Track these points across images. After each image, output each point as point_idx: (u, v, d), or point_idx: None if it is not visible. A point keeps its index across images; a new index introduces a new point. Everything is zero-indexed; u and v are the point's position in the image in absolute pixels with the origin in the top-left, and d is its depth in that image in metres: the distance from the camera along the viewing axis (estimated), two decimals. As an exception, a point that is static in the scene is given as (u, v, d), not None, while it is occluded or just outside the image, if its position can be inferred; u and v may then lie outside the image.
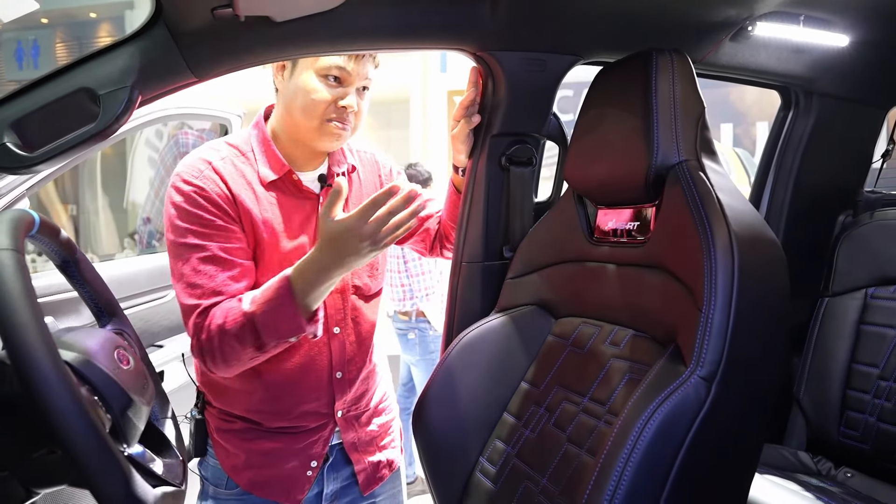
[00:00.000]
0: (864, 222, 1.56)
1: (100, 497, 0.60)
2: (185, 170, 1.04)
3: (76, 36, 10.26)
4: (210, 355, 0.98)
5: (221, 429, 1.13)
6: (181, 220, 1.01)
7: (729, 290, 0.76)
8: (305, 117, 1.06)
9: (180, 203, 1.01)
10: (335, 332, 1.13)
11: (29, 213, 0.70)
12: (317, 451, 1.14)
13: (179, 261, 1.01)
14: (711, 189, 0.86)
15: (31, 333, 0.57)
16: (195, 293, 0.99)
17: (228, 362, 0.99)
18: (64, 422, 0.56)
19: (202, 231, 1.01)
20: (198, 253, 1.00)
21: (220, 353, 0.98)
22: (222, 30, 0.93)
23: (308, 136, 1.08)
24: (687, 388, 0.75)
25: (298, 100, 1.06)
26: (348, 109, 1.06)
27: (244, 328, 0.96)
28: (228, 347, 0.97)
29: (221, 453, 1.13)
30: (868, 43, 1.37)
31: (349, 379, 1.15)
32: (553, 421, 1.03)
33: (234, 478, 1.12)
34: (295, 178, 1.10)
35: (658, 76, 0.93)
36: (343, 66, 1.04)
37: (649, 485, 0.73)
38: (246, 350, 0.97)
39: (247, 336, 0.96)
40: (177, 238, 1.01)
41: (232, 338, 0.96)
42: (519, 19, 1.12)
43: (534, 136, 1.28)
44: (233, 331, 0.96)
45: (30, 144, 0.87)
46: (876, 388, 1.43)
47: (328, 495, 1.18)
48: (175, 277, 1.02)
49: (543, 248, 1.19)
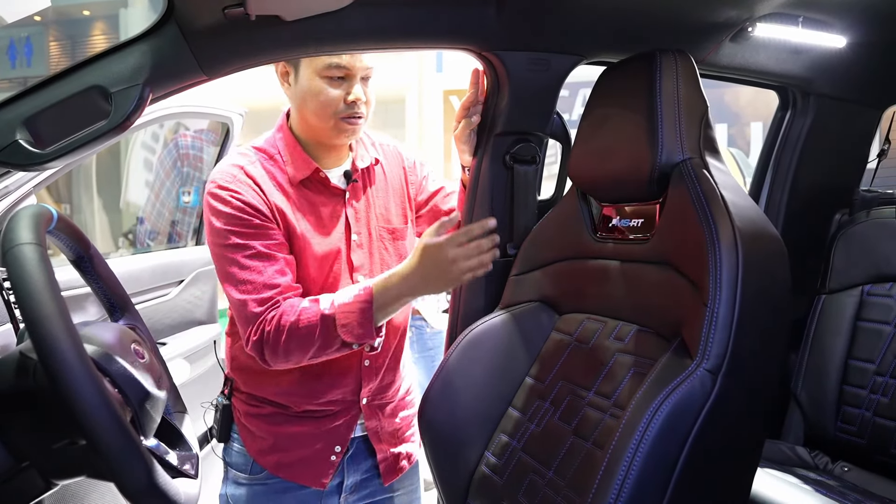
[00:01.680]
0: (860, 221, 1.59)
1: (123, 487, 0.61)
2: (220, 176, 1.09)
3: (69, 34, 10.22)
4: (273, 348, 1.03)
5: (250, 413, 1.16)
6: (222, 223, 1.05)
7: (733, 284, 0.78)
8: (319, 119, 1.10)
9: (219, 208, 1.06)
10: None
11: (47, 209, 0.71)
12: (341, 435, 1.17)
13: (226, 262, 1.05)
14: (715, 186, 0.88)
15: (57, 326, 0.58)
16: (247, 289, 1.04)
17: (290, 357, 1.04)
18: (90, 413, 0.57)
19: (243, 231, 1.05)
20: (242, 252, 1.04)
21: (285, 348, 1.02)
22: (233, 29, 0.94)
23: (325, 135, 1.12)
24: (693, 380, 0.76)
25: (309, 104, 1.09)
26: (358, 102, 1.09)
27: (319, 328, 1.01)
28: (296, 343, 1.02)
29: (248, 438, 1.17)
30: (864, 44, 1.39)
31: (376, 367, 1.19)
32: (558, 415, 1.04)
33: (260, 461, 1.15)
34: (322, 176, 1.14)
35: (662, 76, 0.95)
36: (342, 63, 1.07)
37: (657, 475, 0.75)
38: (312, 348, 1.03)
39: (319, 336, 1.01)
40: (220, 241, 1.06)
41: (303, 336, 1.01)
42: (524, 20, 1.13)
43: (537, 134, 1.29)
44: (305, 329, 1.01)
45: (41, 141, 0.88)
46: (872, 383, 1.46)
47: (349, 486, 1.20)
48: (223, 278, 1.07)
49: (547, 245, 1.20)
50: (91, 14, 10.10)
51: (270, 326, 1.02)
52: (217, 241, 1.06)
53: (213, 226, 1.06)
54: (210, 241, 1.08)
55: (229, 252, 1.05)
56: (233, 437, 1.19)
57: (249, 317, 1.04)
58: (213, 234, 1.07)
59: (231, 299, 1.06)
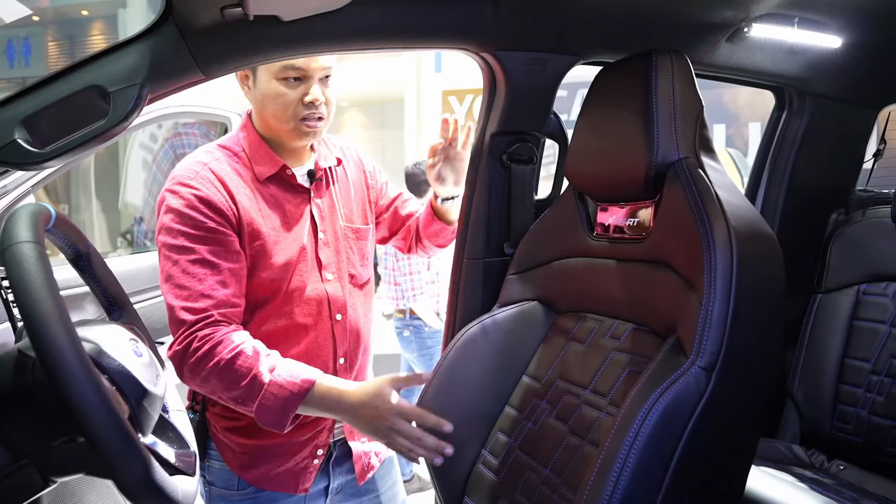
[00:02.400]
0: (857, 220, 1.60)
1: (121, 484, 0.61)
2: (182, 173, 1.08)
3: (68, 34, 10.22)
4: (193, 370, 1.00)
5: (227, 428, 1.13)
6: (175, 222, 1.04)
7: (728, 282, 0.79)
8: (278, 121, 1.11)
9: (176, 206, 1.04)
10: (338, 319, 1.16)
11: (46, 207, 0.71)
12: (321, 440, 1.16)
13: (169, 262, 1.04)
14: (710, 186, 0.89)
15: (55, 323, 0.58)
16: (182, 294, 1.02)
17: (205, 388, 1.02)
18: (88, 410, 0.58)
19: (194, 234, 1.03)
20: (188, 255, 1.03)
21: (206, 378, 1.00)
22: (231, 28, 0.95)
23: (286, 137, 1.13)
24: (688, 378, 0.77)
25: (268, 106, 1.10)
26: (316, 102, 1.09)
27: (245, 383, 0.98)
28: (215, 381, 1.00)
29: (228, 453, 1.14)
30: (860, 45, 1.40)
31: (350, 365, 1.19)
32: (555, 413, 1.05)
33: (244, 476, 1.13)
34: (289, 173, 1.14)
35: (658, 76, 0.95)
36: (297, 64, 1.07)
37: (652, 473, 0.75)
38: (225, 394, 1.01)
39: (239, 389, 0.99)
40: (168, 239, 1.04)
41: (227, 380, 0.99)
42: (521, 20, 1.14)
43: (534, 134, 1.30)
44: (231, 374, 0.99)
45: (40, 141, 0.88)
46: (868, 382, 1.46)
47: (334, 489, 1.20)
48: (163, 278, 1.05)
49: (544, 244, 1.21)
50: (90, 14, 10.10)
51: (201, 347, 0.99)
52: (165, 239, 1.04)
53: (164, 223, 1.04)
54: (158, 237, 1.06)
55: (174, 253, 1.03)
56: (209, 453, 1.15)
57: (178, 323, 1.01)
58: (163, 230, 1.05)
59: (166, 300, 1.04)
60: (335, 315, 1.16)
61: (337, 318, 1.16)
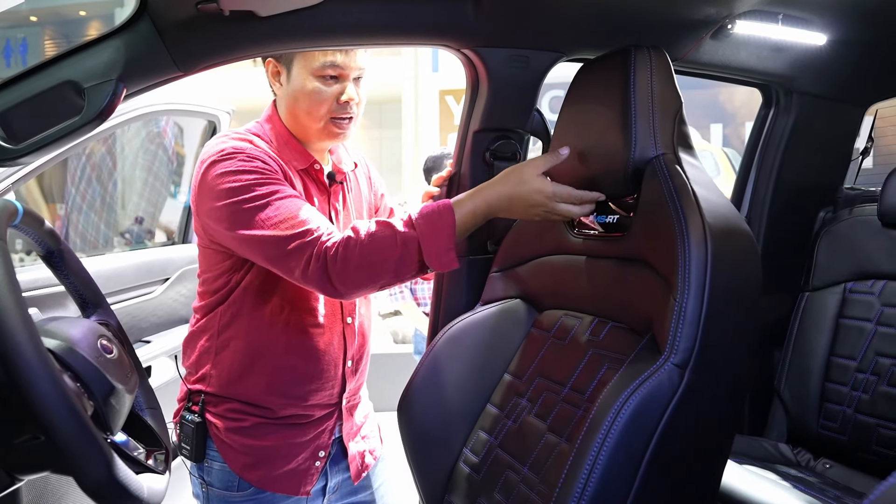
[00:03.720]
0: (844, 218, 1.59)
1: (82, 482, 0.61)
2: (219, 144, 1.04)
3: (65, 34, 10.21)
4: (341, 270, 0.94)
5: (229, 428, 1.11)
6: (241, 179, 0.98)
7: (702, 279, 0.78)
8: (310, 118, 1.10)
9: (231, 167, 1.00)
10: (348, 322, 1.17)
11: (12, 203, 0.71)
12: (323, 442, 1.16)
13: (254, 211, 0.97)
14: (687, 182, 0.88)
15: (14, 319, 0.57)
16: (288, 224, 0.96)
17: (358, 277, 0.95)
18: (46, 406, 0.57)
19: (269, 181, 1.00)
20: (272, 196, 0.98)
21: (357, 268, 0.94)
22: (207, 24, 0.94)
23: (315, 135, 1.12)
24: (661, 374, 0.76)
25: (301, 103, 1.09)
26: (350, 102, 1.09)
27: (395, 242, 0.94)
28: (370, 259, 0.94)
29: (229, 454, 1.11)
30: (845, 42, 1.40)
31: (356, 368, 1.19)
32: (534, 411, 1.04)
33: (246, 477, 1.11)
34: (318, 168, 1.14)
35: (636, 72, 0.95)
36: (337, 63, 1.07)
37: (623, 470, 0.75)
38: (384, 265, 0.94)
39: (396, 249, 0.94)
40: (240, 196, 0.98)
41: (378, 251, 0.94)
42: (502, 16, 1.13)
43: (517, 131, 1.29)
44: (381, 245, 0.94)
45: (14, 137, 0.87)
46: (854, 380, 1.46)
47: (331, 488, 1.20)
48: (257, 227, 0.97)
49: (526, 242, 1.21)
50: (87, 14, 10.09)
51: (336, 246, 0.94)
52: (234, 200, 0.97)
53: (226, 188, 0.98)
54: (221, 205, 0.99)
55: (256, 200, 0.97)
56: (209, 454, 1.13)
57: (298, 247, 0.95)
58: (227, 194, 0.98)
59: (264, 242, 0.96)
60: (346, 318, 1.17)
61: (347, 321, 1.17)
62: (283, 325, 1.10)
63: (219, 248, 1.08)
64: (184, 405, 1.16)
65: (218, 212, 1.01)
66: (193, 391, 1.14)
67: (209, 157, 1.04)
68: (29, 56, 9.66)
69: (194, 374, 1.14)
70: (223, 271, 1.10)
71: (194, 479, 1.16)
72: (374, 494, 1.26)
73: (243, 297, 1.09)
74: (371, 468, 1.25)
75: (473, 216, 0.98)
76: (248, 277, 1.08)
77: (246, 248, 1.01)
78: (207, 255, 1.11)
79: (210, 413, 1.13)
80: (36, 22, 9.92)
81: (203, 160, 1.05)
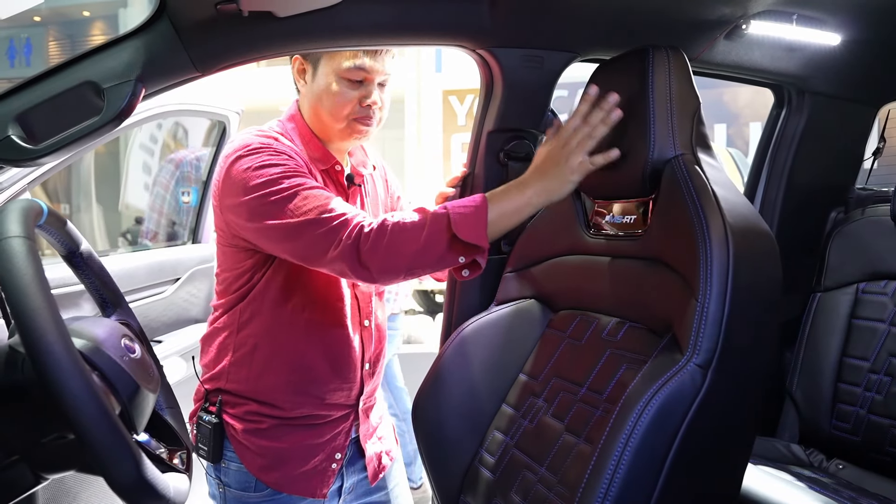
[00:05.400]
0: (855, 219, 1.59)
1: (111, 481, 0.61)
2: (251, 140, 1.04)
3: (69, 34, 10.23)
4: (371, 249, 0.94)
5: (247, 430, 1.11)
6: (268, 174, 0.99)
7: (724, 279, 0.78)
8: (332, 119, 1.09)
9: (257, 162, 1.00)
10: (366, 325, 1.17)
11: (38, 203, 0.71)
12: (340, 444, 1.16)
13: (285, 203, 0.97)
14: (707, 182, 0.88)
15: (45, 319, 0.58)
16: (320, 209, 0.96)
17: (388, 258, 0.95)
18: (77, 406, 0.57)
19: (296, 174, 1.00)
20: (301, 188, 0.98)
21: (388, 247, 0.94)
22: (225, 25, 0.95)
23: (336, 134, 1.12)
24: (683, 375, 0.76)
25: (324, 102, 1.09)
26: (373, 106, 1.09)
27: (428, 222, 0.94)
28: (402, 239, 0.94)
29: (247, 455, 1.11)
30: (859, 42, 1.39)
31: (374, 371, 1.19)
32: (551, 411, 1.04)
33: (263, 478, 1.11)
34: (339, 169, 1.14)
35: (655, 72, 0.95)
36: (363, 66, 1.06)
37: (646, 470, 0.75)
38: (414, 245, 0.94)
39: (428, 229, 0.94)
40: (269, 189, 0.98)
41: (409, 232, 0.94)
42: (517, 16, 1.14)
43: (531, 132, 1.29)
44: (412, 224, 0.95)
45: (34, 137, 0.88)
46: (867, 381, 1.46)
47: (347, 489, 1.20)
48: (287, 216, 0.96)
49: (541, 242, 1.21)
50: (91, 14, 10.11)
51: (370, 227, 0.95)
52: (262, 193, 0.97)
53: (251, 182, 0.98)
54: (249, 199, 0.98)
55: (284, 192, 0.97)
56: (226, 454, 1.13)
57: (332, 229, 0.95)
58: (255, 188, 0.98)
59: (294, 230, 0.96)
60: (363, 321, 1.17)
61: (365, 323, 1.17)
62: (304, 324, 1.10)
63: (241, 247, 1.08)
64: (200, 405, 1.15)
65: (245, 206, 1.00)
66: (211, 391, 1.14)
67: (234, 153, 1.04)
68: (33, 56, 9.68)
69: (211, 371, 1.14)
70: (245, 270, 1.09)
71: (210, 479, 1.16)
72: (390, 495, 1.26)
73: (264, 295, 1.09)
74: (387, 469, 1.25)
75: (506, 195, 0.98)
76: (270, 275, 1.08)
77: (274, 240, 1.01)
78: (228, 253, 1.11)
79: (227, 414, 1.13)
80: (39, 22, 9.94)
81: (227, 155, 1.05)
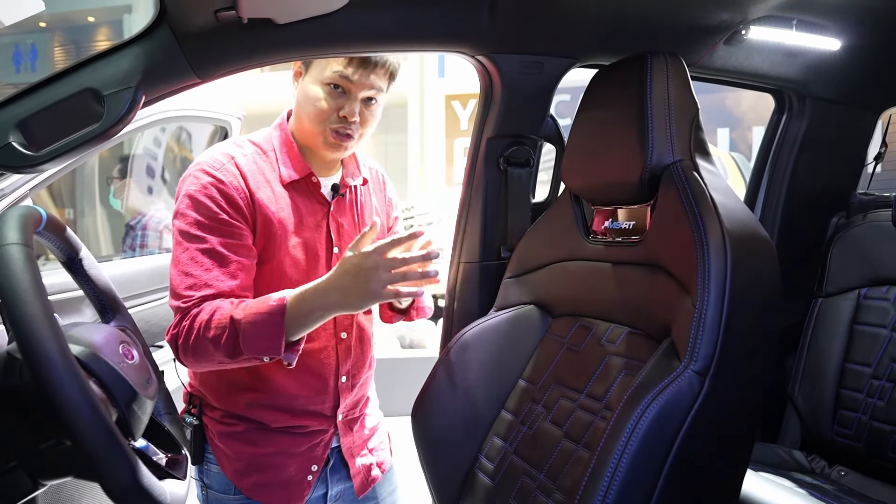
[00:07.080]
0: (857, 224, 1.58)
1: (108, 487, 0.61)
2: (208, 161, 1.06)
3: (74, 40, 10.29)
4: (184, 346, 0.99)
5: (223, 433, 1.12)
6: (190, 208, 1.03)
7: (722, 285, 0.78)
8: (311, 124, 1.09)
9: (193, 193, 1.03)
10: (342, 338, 1.14)
11: (36, 210, 0.71)
12: (317, 455, 1.14)
13: (180, 248, 1.03)
14: (705, 188, 0.88)
15: (42, 325, 0.58)
16: (186, 282, 1.01)
17: (198, 358, 1.00)
18: (74, 413, 0.58)
19: (208, 224, 1.02)
20: (198, 244, 1.02)
21: (194, 348, 0.99)
22: (225, 32, 0.95)
23: (314, 142, 1.10)
24: (681, 382, 0.76)
25: (306, 107, 1.09)
26: (349, 119, 1.06)
27: (225, 332, 0.96)
28: (203, 344, 0.98)
29: (223, 459, 1.12)
30: (860, 47, 1.39)
31: (352, 384, 1.16)
32: (550, 417, 1.04)
33: (237, 483, 1.11)
34: (314, 181, 1.12)
35: (653, 78, 0.95)
36: (345, 75, 1.05)
37: (644, 477, 0.75)
38: (217, 353, 0.98)
39: (224, 341, 0.96)
40: (183, 225, 1.03)
41: (210, 338, 0.97)
42: (517, 22, 1.14)
43: (531, 137, 1.29)
44: (213, 332, 0.97)
45: (35, 144, 0.88)
46: (869, 386, 1.45)
47: (333, 496, 1.18)
48: (173, 262, 1.04)
49: (540, 247, 1.21)
50: (96, 20, 10.17)
51: (188, 322, 0.99)
52: (179, 224, 1.04)
53: (180, 208, 1.04)
54: (173, 221, 1.05)
55: (186, 239, 1.02)
56: (208, 457, 1.14)
57: (175, 309, 1.01)
58: (178, 215, 1.04)
59: (170, 284, 1.03)
60: (340, 333, 1.14)
61: (342, 336, 1.14)
62: None
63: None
64: (185, 408, 1.17)
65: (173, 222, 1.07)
66: (193, 393, 1.16)
67: (191, 170, 1.07)
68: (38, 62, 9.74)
69: (194, 380, 1.16)
70: None
71: (195, 481, 1.17)
72: (384, 503, 1.25)
73: None
74: (379, 480, 1.23)
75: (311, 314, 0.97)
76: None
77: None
78: None
79: (207, 417, 1.14)
80: (45, 28, 10.01)
81: (189, 168, 1.07)
